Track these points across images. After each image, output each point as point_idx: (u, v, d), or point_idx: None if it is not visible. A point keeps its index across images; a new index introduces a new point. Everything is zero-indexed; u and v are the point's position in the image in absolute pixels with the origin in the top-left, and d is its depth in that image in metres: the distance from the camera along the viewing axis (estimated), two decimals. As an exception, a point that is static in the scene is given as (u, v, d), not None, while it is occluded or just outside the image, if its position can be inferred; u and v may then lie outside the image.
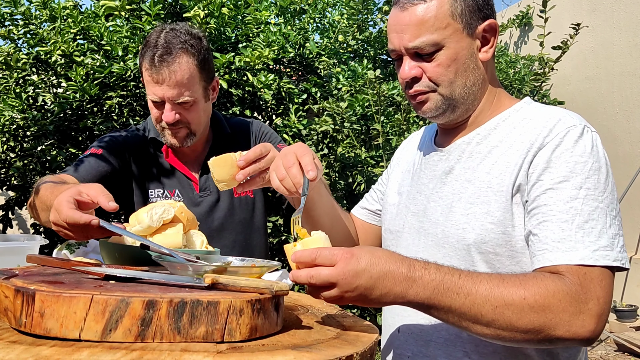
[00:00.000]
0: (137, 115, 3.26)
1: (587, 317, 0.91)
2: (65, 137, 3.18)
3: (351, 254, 0.89)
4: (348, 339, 0.88)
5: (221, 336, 0.79)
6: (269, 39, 3.24)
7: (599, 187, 0.98)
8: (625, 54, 4.59)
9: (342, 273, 0.87)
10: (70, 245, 1.28)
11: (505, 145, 1.09)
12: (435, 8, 1.08)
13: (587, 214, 0.96)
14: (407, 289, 0.91)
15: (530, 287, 0.91)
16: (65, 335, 0.75)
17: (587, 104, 4.97)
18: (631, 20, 4.52)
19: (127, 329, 0.75)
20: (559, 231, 0.96)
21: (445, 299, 0.91)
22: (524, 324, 0.91)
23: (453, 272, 0.93)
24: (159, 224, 1.18)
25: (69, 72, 2.98)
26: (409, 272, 0.91)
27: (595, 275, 0.94)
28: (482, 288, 0.91)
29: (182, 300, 0.77)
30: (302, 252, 0.90)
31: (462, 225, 1.08)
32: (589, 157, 1.00)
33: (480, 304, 0.91)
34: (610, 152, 4.83)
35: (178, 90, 1.59)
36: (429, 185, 1.20)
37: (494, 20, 1.12)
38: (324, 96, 3.50)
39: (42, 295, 0.76)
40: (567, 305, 0.91)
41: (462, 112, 1.15)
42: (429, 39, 1.08)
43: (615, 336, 4.14)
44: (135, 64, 2.91)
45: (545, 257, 0.97)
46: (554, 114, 1.07)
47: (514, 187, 1.04)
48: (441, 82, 1.11)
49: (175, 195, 1.74)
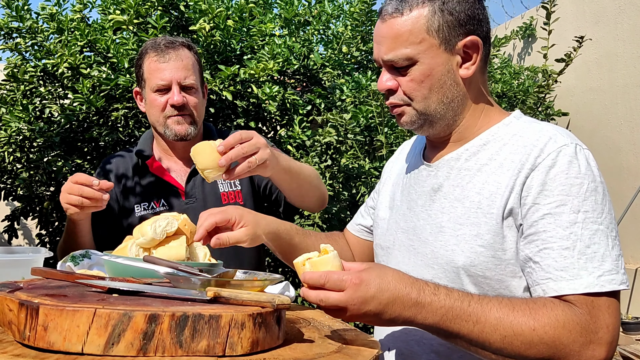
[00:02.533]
0: (142, 127, 3.29)
1: (597, 347, 0.91)
2: (71, 149, 3.20)
3: (360, 280, 0.89)
4: (349, 353, 0.88)
5: (223, 350, 0.79)
6: (274, 51, 3.27)
7: (597, 208, 0.97)
8: (629, 65, 4.59)
9: (350, 300, 0.89)
10: (74, 257, 1.29)
11: (495, 163, 1.07)
12: (411, 22, 1.06)
13: (588, 239, 0.95)
14: (415, 314, 0.91)
15: (540, 318, 0.91)
16: (68, 348, 0.75)
17: (591, 115, 4.97)
18: (635, 32, 4.52)
19: (130, 343, 0.76)
20: (561, 259, 0.95)
21: (453, 325, 0.91)
22: (533, 354, 0.91)
23: (463, 298, 0.93)
24: (163, 236, 1.19)
25: (76, 84, 3.01)
26: (418, 297, 0.91)
27: (602, 302, 0.93)
28: (492, 317, 0.91)
29: (184, 314, 0.78)
30: (311, 275, 0.91)
31: (452, 247, 1.07)
32: (585, 178, 0.98)
33: (489, 333, 0.91)
34: (615, 163, 4.84)
35: (184, 72, 1.70)
36: (418, 201, 1.18)
37: (476, 37, 1.08)
38: (327, 107, 3.52)
39: (45, 308, 0.76)
40: (578, 336, 0.90)
41: (442, 128, 1.13)
42: (402, 53, 1.07)
43: (621, 349, 4.11)
44: (141, 76, 2.94)
45: (550, 287, 0.96)
46: (545, 131, 1.05)
47: (505, 210, 1.02)
48: (414, 97, 1.09)
49: (161, 205, 1.77)
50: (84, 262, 1.29)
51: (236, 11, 3.34)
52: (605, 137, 4.83)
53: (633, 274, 4.56)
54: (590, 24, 4.94)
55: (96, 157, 3.30)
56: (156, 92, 1.71)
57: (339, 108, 3.37)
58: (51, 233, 3.45)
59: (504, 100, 4.49)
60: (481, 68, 1.12)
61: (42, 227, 3.39)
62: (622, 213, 4.50)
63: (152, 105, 1.75)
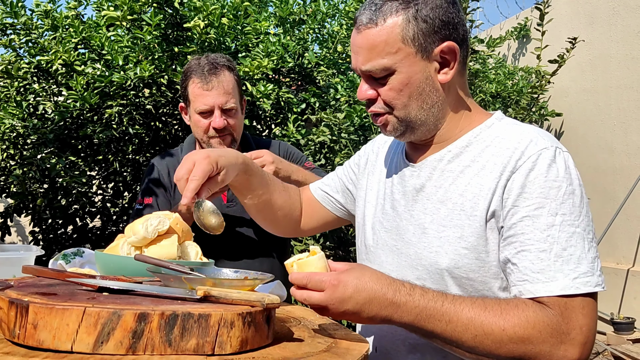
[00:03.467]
0: (136, 124, 3.29)
1: (569, 347, 0.93)
2: (65, 146, 3.20)
3: (338, 281, 0.95)
4: (338, 352, 0.89)
5: (212, 349, 0.80)
6: (268, 49, 3.27)
7: (575, 211, 0.98)
8: (622, 66, 4.62)
9: (329, 299, 0.95)
10: (66, 255, 1.29)
11: (477, 165, 1.08)
12: (386, 33, 1.05)
13: (565, 241, 0.96)
14: (392, 313, 0.96)
15: (511, 319, 0.94)
16: (58, 347, 0.76)
17: (584, 116, 4.99)
18: (628, 33, 4.55)
19: (119, 342, 0.76)
20: (537, 261, 0.97)
21: (427, 324, 0.96)
22: (504, 353, 0.94)
23: (437, 298, 0.96)
24: (154, 235, 1.19)
25: (70, 81, 3.00)
26: (394, 297, 0.96)
27: (576, 304, 0.95)
28: (464, 316, 0.95)
29: (174, 313, 0.78)
30: (296, 275, 0.98)
31: (435, 249, 1.09)
32: (563, 182, 0.99)
33: (461, 332, 0.95)
34: (608, 164, 4.87)
35: (225, 97, 1.83)
36: (400, 201, 1.18)
37: (453, 42, 1.08)
38: (322, 106, 3.52)
39: (35, 307, 0.77)
40: (548, 337, 0.93)
41: (424, 132, 1.14)
42: (379, 64, 1.07)
43: (612, 349, 4.14)
44: (136, 73, 2.93)
45: (526, 289, 0.98)
46: (526, 134, 1.06)
47: (488, 212, 1.03)
48: (394, 105, 1.10)
49: None
50: (76, 260, 1.29)
51: (231, 9, 3.34)
52: (598, 138, 4.85)
53: (625, 275, 4.59)
54: (584, 25, 4.96)
55: (90, 154, 3.30)
56: (200, 114, 1.85)
57: (333, 107, 3.38)
58: (44, 230, 3.45)
59: (498, 101, 4.50)
60: (459, 71, 1.12)
61: (35, 225, 3.38)
62: (614, 214, 4.53)
63: (196, 125, 1.88)
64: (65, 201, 3.28)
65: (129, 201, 3.57)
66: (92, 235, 3.53)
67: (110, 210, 3.51)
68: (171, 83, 3.11)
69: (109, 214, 3.52)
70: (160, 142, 3.54)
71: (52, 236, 3.48)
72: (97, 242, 3.52)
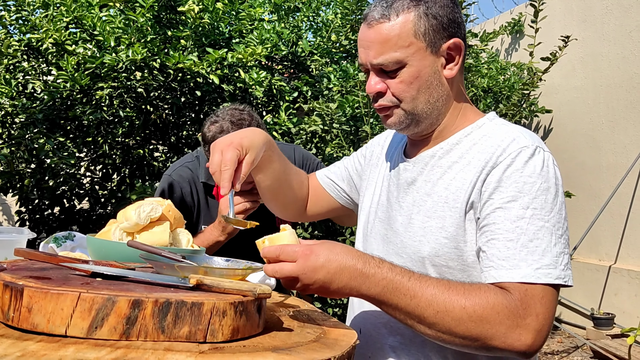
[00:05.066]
0: (127, 107, 3.27)
1: (524, 332, 0.96)
2: (54, 126, 3.17)
3: (310, 251, 0.97)
4: (327, 343, 0.91)
5: (204, 336, 0.81)
6: (262, 36, 3.26)
7: (546, 207, 1.02)
8: (613, 65, 4.66)
9: (302, 268, 0.96)
10: (57, 238, 1.29)
11: (464, 161, 1.13)
12: (399, 27, 1.10)
13: (532, 233, 1.01)
14: (360, 284, 0.99)
15: (472, 298, 0.97)
16: (52, 330, 0.76)
17: (573, 113, 5.04)
18: (621, 32, 4.58)
19: (113, 327, 0.77)
20: (504, 249, 1.01)
21: (393, 297, 0.99)
22: (462, 331, 0.97)
23: (404, 273, 1.00)
24: (147, 221, 1.19)
25: (60, 61, 2.97)
26: (364, 268, 0.99)
27: (536, 293, 0.98)
28: (428, 293, 0.98)
29: (167, 301, 0.79)
30: (268, 249, 1.00)
31: (419, 238, 1.14)
32: (538, 178, 1.04)
33: (424, 307, 0.98)
34: (594, 162, 4.92)
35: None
36: (394, 193, 1.24)
37: (459, 39, 1.14)
38: (314, 95, 3.52)
39: (30, 290, 0.77)
40: (504, 319, 0.96)
41: (426, 126, 1.18)
42: (392, 57, 1.11)
43: (591, 343, 4.21)
44: (128, 56, 2.91)
45: (491, 274, 1.02)
46: (510, 133, 1.11)
47: (468, 204, 1.08)
48: (404, 98, 1.14)
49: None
50: (67, 244, 1.29)
51: (226, -6, 3.31)
52: (586, 136, 4.91)
53: (606, 271, 4.66)
54: (577, 22, 4.99)
55: (79, 136, 3.27)
56: None
57: (325, 97, 3.38)
58: (31, 211, 3.43)
59: (489, 95, 4.53)
60: (460, 69, 1.18)
61: (22, 205, 3.36)
62: (598, 211, 4.59)
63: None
64: (54, 182, 3.27)
65: (118, 184, 3.56)
66: (79, 217, 3.52)
67: (99, 192, 3.50)
68: (163, 67, 3.09)
69: (97, 197, 3.50)
70: (150, 125, 3.53)
71: (38, 217, 3.46)
72: (85, 225, 3.51)
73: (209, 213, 1.97)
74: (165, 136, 3.66)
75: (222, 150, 1.14)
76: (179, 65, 2.99)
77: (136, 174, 3.38)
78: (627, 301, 4.49)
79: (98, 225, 3.50)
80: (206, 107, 3.38)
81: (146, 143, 3.61)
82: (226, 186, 1.10)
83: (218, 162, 1.13)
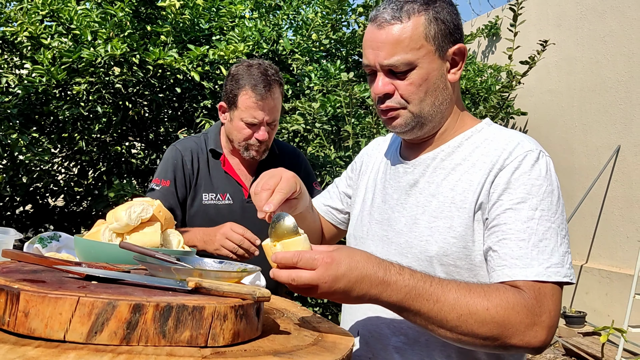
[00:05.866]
0: (105, 103, 3.20)
1: (539, 329, 0.99)
2: (29, 121, 3.09)
3: (331, 258, 0.93)
4: (326, 346, 0.90)
5: (205, 341, 0.80)
6: (244, 33, 3.23)
7: (552, 208, 1.06)
8: (586, 69, 4.75)
9: (322, 277, 0.92)
10: (42, 239, 1.26)
11: (468, 163, 1.16)
12: (411, 29, 1.12)
13: (542, 234, 1.04)
14: (381, 292, 0.96)
15: (493, 299, 0.99)
16: (50, 335, 0.74)
17: (548, 116, 5.13)
18: (594, 37, 4.68)
19: (113, 332, 0.75)
20: (517, 249, 1.04)
21: (415, 303, 0.97)
22: (484, 332, 0.98)
23: (425, 279, 0.99)
24: (137, 222, 1.17)
25: (36, 54, 2.90)
26: (385, 276, 0.96)
27: (548, 290, 1.01)
28: (450, 297, 0.98)
29: (168, 305, 0.78)
30: (283, 254, 0.94)
31: (426, 238, 1.15)
32: (544, 181, 1.08)
33: (447, 311, 0.98)
34: (567, 163, 5.02)
35: (274, 115, 1.97)
36: (393, 195, 1.25)
37: (463, 44, 1.18)
38: (295, 94, 3.51)
39: (27, 294, 0.75)
40: (523, 317, 0.98)
41: (429, 129, 1.20)
42: (404, 58, 1.12)
43: (563, 341, 4.31)
44: (107, 51, 2.85)
45: (505, 273, 1.04)
46: (513, 137, 1.15)
47: (477, 205, 1.11)
48: (412, 99, 1.15)
49: (227, 198, 2.02)
50: (52, 245, 1.26)
51: (207, -10, 3.27)
52: (559, 138, 5.00)
53: (578, 271, 4.77)
54: (552, 27, 5.08)
55: (55, 131, 3.20)
56: (246, 124, 1.95)
57: (307, 96, 3.37)
58: (1, 207, 3.34)
59: (467, 97, 4.58)
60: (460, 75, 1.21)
61: (-6, 201, 3.27)
62: (571, 212, 4.69)
63: (238, 131, 1.97)
64: (27, 179, 3.19)
65: (94, 181, 3.49)
66: (53, 214, 3.44)
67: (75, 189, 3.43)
68: (143, 62, 3.04)
69: (73, 194, 3.43)
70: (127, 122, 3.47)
71: (9, 214, 3.37)
72: (59, 222, 3.44)
73: (211, 182, 2.03)
74: (142, 133, 3.61)
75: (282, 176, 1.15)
76: (159, 61, 2.94)
77: (114, 171, 3.32)
78: (598, 300, 4.60)
79: (72, 223, 3.43)
80: (186, 104, 3.34)
81: (123, 140, 3.55)
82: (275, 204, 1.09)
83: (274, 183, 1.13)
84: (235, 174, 2.06)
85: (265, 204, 1.09)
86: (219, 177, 2.05)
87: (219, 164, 2.06)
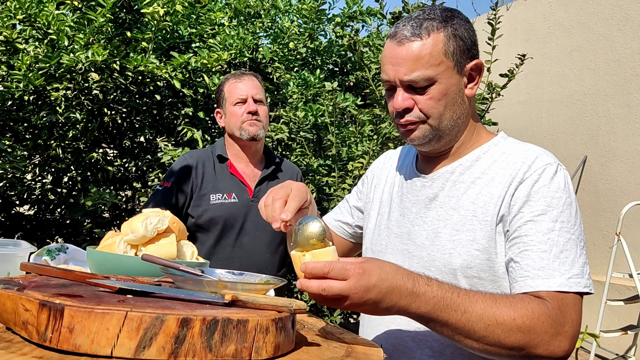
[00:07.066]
0: (84, 110, 3.13)
1: (563, 338, 1.01)
2: (3, 128, 2.99)
3: (363, 269, 0.93)
4: (358, 357, 0.91)
5: (249, 354, 0.79)
6: (226, 41, 3.22)
7: (571, 220, 1.10)
8: (554, 82, 4.91)
9: (354, 288, 0.92)
10: (50, 251, 1.22)
11: (487, 177, 1.18)
12: (431, 46, 1.14)
13: (562, 245, 1.07)
14: (410, 303, 0.97)
15: (519, 309, 1.00)
16: (96, 352, 0.72)
17: (518, 126, 5.27)
18: (561, 52, 4.84)
19: (161, 347, 0.74)
20: (539, 260, 1.06)
21: (443, 314, 0.98)
22: (510, 342, 1.00)
23: (453, 290, 1.00)
24: (154, 233, 1.15)
25: (13, 59, 2.82)
26: (414, 287, 0.97)
27: (569, 301, 1.04)
28: (478, 307, 0.99)
29: (214, 318, 0.77)
30: (314, 265, 0.93)
31: (449, 251, 1.16)
32: (563, 193, 1.11)
33: (475, 322, 0.99)
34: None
35: (256, 89, 2.28)
36: (412, 209, 1.26)
37: (480, 60, 1.21)
38: (274, 102, 3.50)
39: (71, 310, 0.73)
40: (548, 327, 1.00)
41: (446, 142, 1.23)
42: (424, 74, 1.14)
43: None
44: (87, 57, 2.79)
45: (527, 284, 1.06)
46: (531, 151, 1.18)
47: (498, 217, 1.13)
48: (431, 114, 1.17)
49: (232, 197, 2.23)
50: (60, 257, 1.22)
51: (186, -3, 3.24)
52: (528, 148, 5.15)
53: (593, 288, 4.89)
54: (521, 41, 5.23)
55: (31, 138, 3.11)
56: (235, 105, 2.26)
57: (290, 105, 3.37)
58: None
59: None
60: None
61: (-36, 210, 3.15)
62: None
63: (232, 115, 2.27)
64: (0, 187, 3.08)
65: (69, 189, 3.40)
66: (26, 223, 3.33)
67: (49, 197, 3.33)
68: (123, 69, 2.98)
69: (47, 202, 3.33)
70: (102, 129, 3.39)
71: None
72: (32, 232, 3.32)
73: (217, 183, 2.24)
74: (116, 140, 3.53)
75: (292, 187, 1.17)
76: (140, 68, 2.90)
77: (89, 179, 3.24)
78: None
79: (46, 233, 3.32)
80: (166, 112, 3.30)
81: (96, 147, 3.47)
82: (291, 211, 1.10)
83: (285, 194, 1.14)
84: (240, 176, 2.29)
85: (282, 212, 1.10)
86: (225, 178, 2.27)
87: (225, 167, 2.29)
